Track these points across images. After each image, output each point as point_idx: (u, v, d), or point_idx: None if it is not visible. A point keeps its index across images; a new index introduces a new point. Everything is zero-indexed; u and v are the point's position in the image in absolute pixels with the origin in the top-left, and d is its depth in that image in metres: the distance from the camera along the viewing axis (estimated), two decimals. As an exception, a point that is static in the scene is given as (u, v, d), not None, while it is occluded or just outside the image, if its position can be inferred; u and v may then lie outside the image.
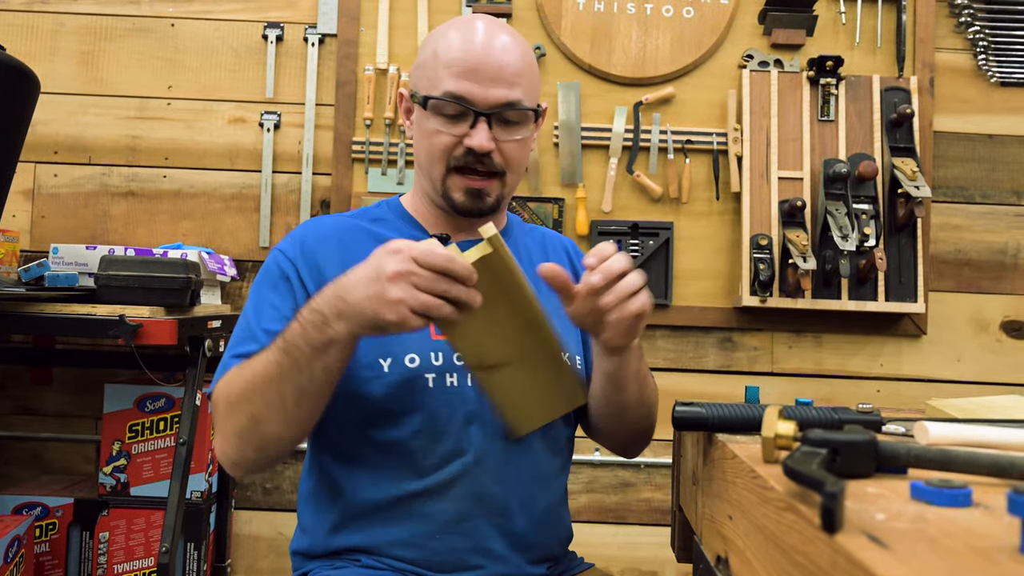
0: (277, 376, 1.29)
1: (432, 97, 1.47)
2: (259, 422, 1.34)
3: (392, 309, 1.17)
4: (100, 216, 2.99)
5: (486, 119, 1.46)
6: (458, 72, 1.46)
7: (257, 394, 1.32)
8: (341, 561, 1.50)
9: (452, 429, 1.47)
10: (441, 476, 1.47)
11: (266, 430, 1.34)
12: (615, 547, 2.95)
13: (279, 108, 3.01)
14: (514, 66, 1.48)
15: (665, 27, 2.98)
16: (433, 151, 1.50)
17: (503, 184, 1.53)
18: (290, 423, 1.34)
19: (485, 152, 1.47)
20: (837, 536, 0.67)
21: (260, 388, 1.32)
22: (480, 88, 1.46)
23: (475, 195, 1.51)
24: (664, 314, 2.94)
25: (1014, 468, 0.86)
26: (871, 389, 2.97)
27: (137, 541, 2.59)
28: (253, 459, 1.39)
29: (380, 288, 1.18)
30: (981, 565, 0.61)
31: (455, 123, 1.48)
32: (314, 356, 1.27)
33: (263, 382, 1.31)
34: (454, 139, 1.48)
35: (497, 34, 1.50)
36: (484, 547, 1.47)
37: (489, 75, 1.46)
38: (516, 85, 1.48)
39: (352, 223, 1.62)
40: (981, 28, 3.00)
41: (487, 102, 1.46)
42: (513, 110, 1.49)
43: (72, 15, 3.02)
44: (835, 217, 2.71)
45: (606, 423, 1.57)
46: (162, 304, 2.29)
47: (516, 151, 1.52)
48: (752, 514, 0.94)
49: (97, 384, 2.80)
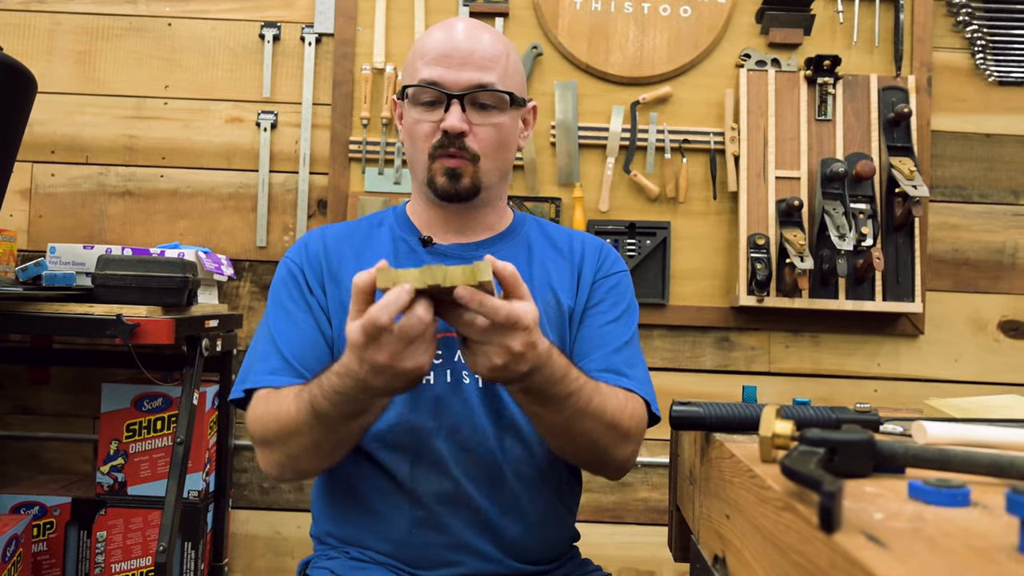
0: (309, 432, 1.36)
1: (409, 86, 1.54)
2: (297, 460, 1.43)
3: (412, 373, 1.20)
4: (97, 216, 2.98)
5: (459, 100, 1.51)
6: (431, 59, 1.52)
7: (293, 442, 1.40)
8: (334, 552, 1.57)
9: (428, 428, 1.51)
10: (419, 471, 1.51)
11: (304, 466, 1.46)
12: (612, 547, 2.95)
13: (276, 108, 3.00)
14: (486, 51, 1.53)
15: (662, 26, 2.98)
16: (415, 140, 1.55)
17: (477, 168, 1.54)
18: (328, 460, 1.46)
19: (457, 133, 1.51)
20: (835, 535, 0.67)
21: (295, 439, 1.39)
22: (452, 72, 1.51)
23: (452, 176, 1.53)
24: (661, 314, 2.94)
25: (1013, 468, 0.86)
26: (868, 389, 2.97)
27: (135, 540, 2.59)
28: (292, 478, 1.52)
29: (380, 371, 1.20)
30: (980, 564, 0.61)
31: (432, 109, 1.53)
32: (350, 420, 1.33)
33: (297, 435, 1.38)
34: (432, 125, 1.53)
35: (473, 26, 1.57)
36: (462, 543, 1.50)
37: (459, 59, 1.51)
38: (488, 69, 1.52)
39: (361, 224, 1.69)
40: (979, 27, 3.00)
41: (458, 84, 1.51)
42: (484, 91, 1.53)
43: (69, 14, 3.02)
44: (832, 216, 2.71)
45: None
46: (159, 304, 2.29)
47: (491, 136, 1.55)
48: (750, 513, 0.94)
49: (94, 384, 2.80)
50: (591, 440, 1.43)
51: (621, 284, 1.66)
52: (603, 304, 1.62)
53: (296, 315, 1.54)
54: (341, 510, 1.57)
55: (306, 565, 1.62)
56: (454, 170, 1.53)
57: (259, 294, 2.96)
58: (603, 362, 1.55)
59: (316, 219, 2.96)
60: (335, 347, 1.54)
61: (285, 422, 1.38)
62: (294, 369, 1.49)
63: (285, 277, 1.59)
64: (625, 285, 1.67)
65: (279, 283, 1.60)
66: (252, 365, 1.53)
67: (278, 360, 1.50)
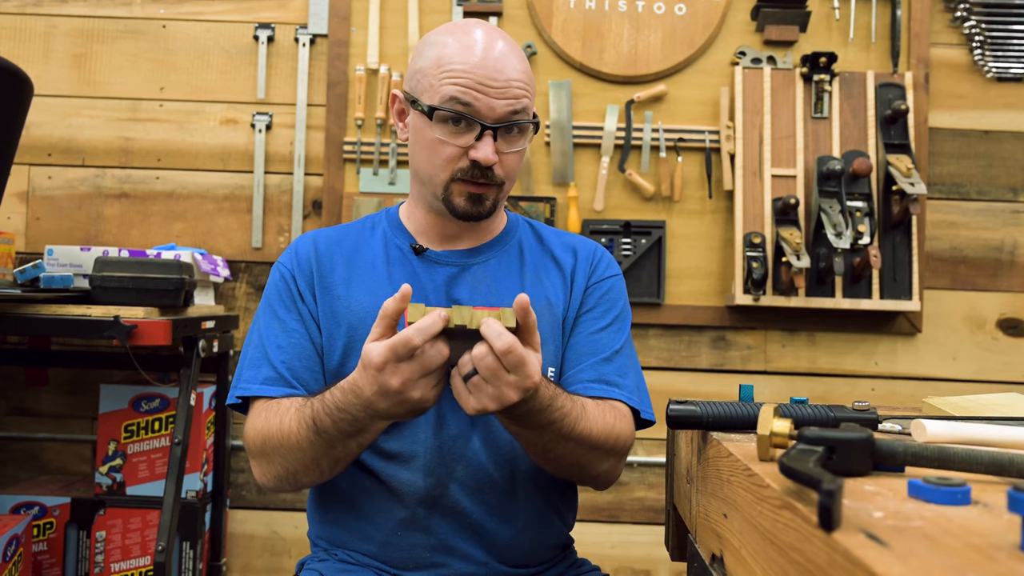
0: (310, 448, 1.39)
1: (438, 108, 1.46)
2: (296, 475, 1.45)
3: (417, 404, 1.25)
4: (94, 218, 2.98)
5: (492, 132, 1.46)
6: (465, 84, 1.45)
7: (292, 456, 1.42)
8: (325, 554, 1.59)
9: (415, 429, 1.51)
10: (404, 473, 1.51)
11: (303, 480, 1.47)
12: (608, 546, 2.95)
13: (271, 109, 3.00)
14: (520, 79, 1.49)
15: (657, 24, 2.98)
16: (436, 161, 1.50)
17: (500, 191, 1.54)
18: (326, 475, 1.46)
19: (489, 165, 1.47)
20: (834, 534, 0.67)
21: (294, 454, 1.41)
22: (487, 101, 1.45)
23: (475, 200, 1.51)
24: (657, 313, 2.94)
25: (1013, 466, 0.86)
26: (866, 388, 2.97)
27: (133, 540, 2.59)
28: (289, 490, 1.52)
29: (388, 395, 1.24)
30: (980, 563, 0.61)
31: (459, 134, 1.47)
32: (349, 438, 1.36)
33: (297, 450, 1.40)
34: (459, 151, 1.48)
35: (498, 43, 1.50)
36: (448, 545, 1.51)
37: (497, 89, 1.46)
38: (521, 97, 1.49)
39: (352, 229, 1.67)
40: (977, 23, 3.00)
41: (494, 115, 1.46)
42: (518, 124, 1.49)
43: (64, 17, 3.02)
44: (829, 215, 2.71)
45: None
46: (156, 305, 2.29)
47: (515, 161, 1.54)
48: (747, 512, 0.94)
49: (92, 385, 2.80)
50: (573, 460, 1.46)
51: (613, 290, 1.66)
52: (595, 311, 1.62)
53: (288, 323, 1.54)
54: (330, 513, 1.58)
55: (302, 566, 1.62)
56: (479, 196, 1.51)
57: (255, 295, 2.96)
58: (594, 372, 1.56)
59: (311, 220, 2.96)
60: (325, 354, 1.54)
61: (286, 435, 1.39)
62: (284, 379, 1.50)
63: (277, 282, 1.59)
64: (618, 290, 1.67)
65: (271, 288, 1.60)
66: (242, 372, 1.54)
67: (269, 369, 1.50)
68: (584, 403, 1.44)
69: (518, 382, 1.21)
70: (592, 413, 1.44)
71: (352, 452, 1.39)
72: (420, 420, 1.50)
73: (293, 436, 1.38)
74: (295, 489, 1.50)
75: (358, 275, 1.58)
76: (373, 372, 1.21)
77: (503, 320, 1.20)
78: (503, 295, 1.57)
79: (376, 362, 1.20)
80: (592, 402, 1.47)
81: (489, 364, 1.20)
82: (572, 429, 1.39)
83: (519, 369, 1.20)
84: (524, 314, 1.22)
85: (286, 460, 1.42)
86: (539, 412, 1.32)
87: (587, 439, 1.43)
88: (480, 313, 1.20)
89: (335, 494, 1.56)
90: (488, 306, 1.23)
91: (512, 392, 1.22)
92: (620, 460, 1.55)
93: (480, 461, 1.51)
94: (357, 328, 1.52)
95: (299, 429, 1.37)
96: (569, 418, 1.38)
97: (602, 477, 1.56)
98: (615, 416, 1.50)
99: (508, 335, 1.19)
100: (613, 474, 1.57)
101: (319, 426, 1.34)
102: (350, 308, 1.54)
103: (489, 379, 1.21)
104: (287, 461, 1.42)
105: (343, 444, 1.36)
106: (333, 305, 1.55)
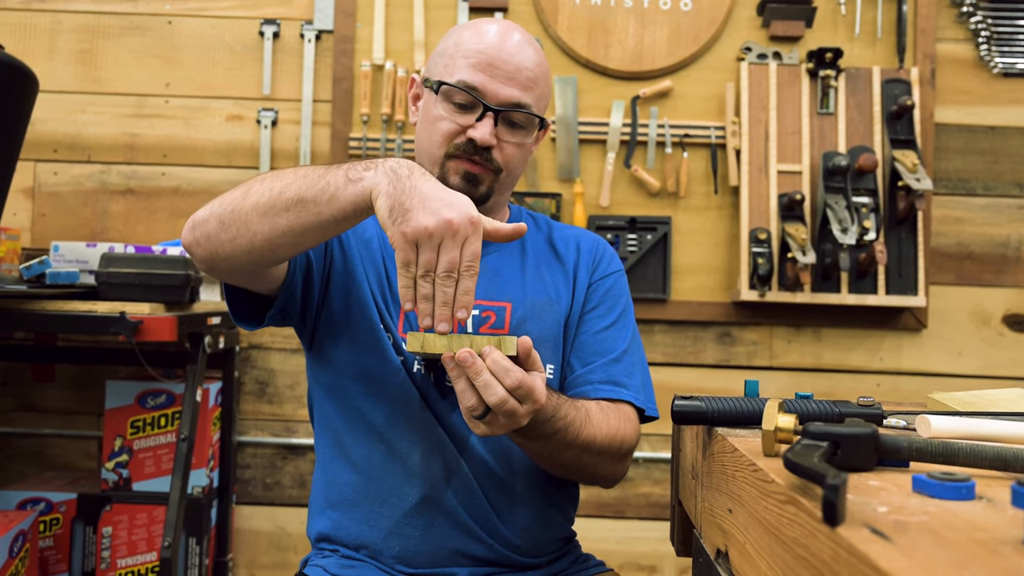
0: (255, 195, 1.29)
1: (446, 83, 1.50)
2: (223, 224, 1.31)
3: (440, 228, 1.17)
4: (100, 214, 2.99)
5: (493, 115, 1.49)
6: (475, 63, 1.49)
7: (228, 198, 1.32)
8: (328, 551, 1.59)
9: (416, 426, 1.51)
10: (406, 469, 1.52)
11: (219, 234, 1.32)
12: (613, 541, 2.96)
13: (276, 105, 3.00)
14: (531, 71, 1.52)
15: (662, 20, 2.98)
16: (435, 135, 1.52)
17: (496, 180, 1.54)
18: (242, 243, 1.30)
19: (486, 146, 1.49)
20: (839, 529, 0.67)
21: (234, 195, 1.31)
22: (494, 83, 1.49)
23: (470, 180, 1.52)
24: (662, 309, 2.94)
25: (1017, 461, 0.86)
26: (871, 383, 2.97)
27: (139, 536, 2.60)
28: (205, 251, 1.36)
29: (442, 214, 1.18)
30: (985, 557, 0.61)
31: (462, 113, 1.51)
32: (299, 205, 1.25)
33: (241, 193, 1.31)
34: (458, 127, 1.51)
35: (521, 39, 1.54)
36: (450, 542, 1.51)
37: (505, 73, 1.49)
38: (529, 90, 1.51)
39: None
40: (983, 18, 2.99)
41: (498, 98, 1.50)
42: (520, 112, 1.51)
43: (70, 13, 3.02)
44: (835, 210, 2.71)
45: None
46: (162, 301, 2.30)
47: (515, 153, 1.55)
48: (752, 507, 0.94)
49: (98, 380, 2.81)
50: (578, 465, 1.49)
51: (616, 286, 1.67)
52: (599, 308, 1.63)
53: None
54: (333, 509, 1.58)
55: (306, 563, 1.62)
56: (475, 176, 1.52)
57: (261, 291, 2.96)
58: (603, 373, 1.57)
59: (318, 216, 2.96)
60: (317, 289, 1.53)
61: (237, 188, 1.33)
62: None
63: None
64: (621, 286, 1.68)
65: None
66: None
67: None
68: (588, 409, 1.45)
69: (528, 409, 1.23)
70: (596, 418, 1.46)
71: (289, 230, 1.26)
72: (419, 415, 1.50)
73: (245, 185, 1.32)
74: (211, 249, 1.33)
75: (361, 246, 1.59)
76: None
77: (503, 348, 1.21)
78: (504, 288, 1.58)
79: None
80: (596, 406, 1.48)
81: (500, 400, 1.20)
82: (576, 436, 1.41)
83: (528, 398, 1.22)
84: (526, 355, 1.24)
85: (221, 202, 1.32)
86: (543, 424, 1.35)
87: (592, 445, 1.45)
88: (480, 340, 1.21)
89: (339, 490, 1.56)
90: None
91: (523, 419, 1.24)
92: (625, 461, 1.57)
93: (480, 455, 1.52)
94: (352, 307, 1.53)
95: (253, 180, 1.31)
96: (573, 426, 1.40)
97: (608, 478, 1.58)
98: (619, 419, 1.51)
99: (516, 371, 1.20)
100: (619, 474, 1.59)
101: (279, 173, 1.28)
102: (359, 283, 1.54)
103: (500, 412, 1.22)
104: (222, 203, 1.32)
105: (290, 210, 1.25)
106: (352, 267, 1.55)
